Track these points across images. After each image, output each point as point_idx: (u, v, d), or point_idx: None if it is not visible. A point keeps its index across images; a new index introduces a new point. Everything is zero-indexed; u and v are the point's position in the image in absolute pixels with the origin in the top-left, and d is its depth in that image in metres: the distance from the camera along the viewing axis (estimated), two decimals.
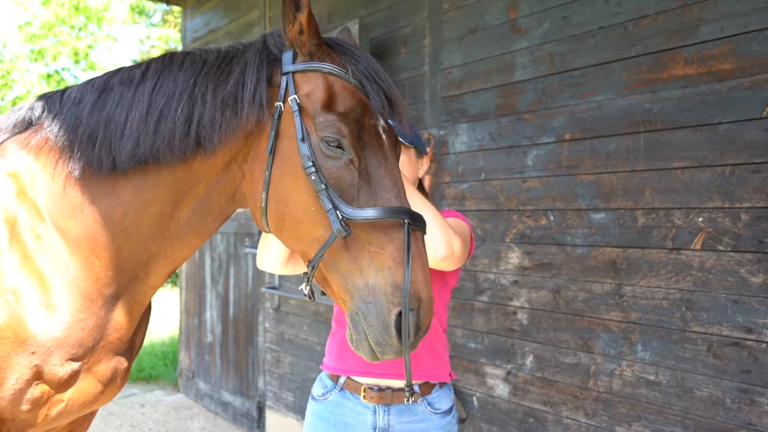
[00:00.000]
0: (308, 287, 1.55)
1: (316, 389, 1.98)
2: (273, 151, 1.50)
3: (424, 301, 1.40)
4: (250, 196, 1.59)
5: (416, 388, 1.88)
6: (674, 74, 2.47)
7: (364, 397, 1.87)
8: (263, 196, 1.52)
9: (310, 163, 1.43)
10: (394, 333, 1.38)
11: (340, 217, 1.39)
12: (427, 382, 1.91)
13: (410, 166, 1.98)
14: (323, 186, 1.42)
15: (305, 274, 1.54)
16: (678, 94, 2.46)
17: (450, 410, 1.93)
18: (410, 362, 1.43)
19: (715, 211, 2.35)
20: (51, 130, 1.58)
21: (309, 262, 1.49)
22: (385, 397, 1.86)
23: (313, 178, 1.42)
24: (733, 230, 2.30)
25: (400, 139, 1.79)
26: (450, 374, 1.98)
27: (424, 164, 2.07)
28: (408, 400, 1.51)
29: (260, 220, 1.58)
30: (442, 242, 1.73)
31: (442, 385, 1.95)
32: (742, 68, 2.27)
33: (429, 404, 1.89)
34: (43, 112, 1.62)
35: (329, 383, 1.95)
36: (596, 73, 2.73)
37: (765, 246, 2.22)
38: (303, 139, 1.45)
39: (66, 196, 1.56)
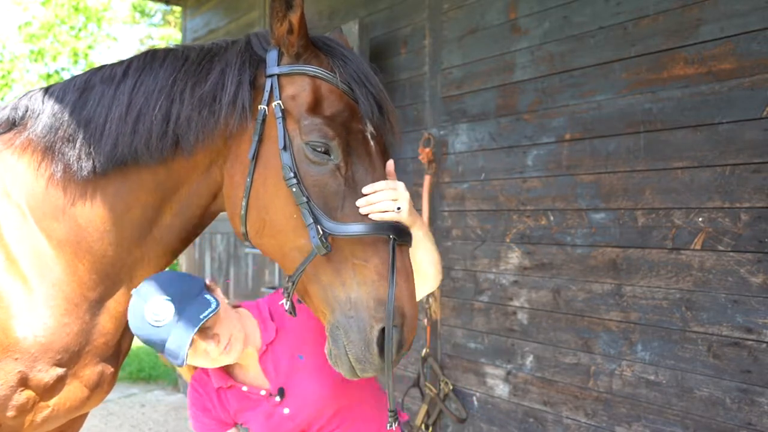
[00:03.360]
0: (288, 302, 1.49)
1: None
2: (255, 157, 1.45)
3: (408, 318, 1.35)
4: (229, 201, 1.54)
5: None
6: (674, 74, 2.47)
7: None
8: (243, 202, 1.47)
9: (292, 174, 1.37)
10: (375, 350, 1.33)
11: (321, 233, 1.33)
12: None
13: None
14: (305, 199, 1.36)
15: (285, 289, 1.47)
16: (678, 94, 2.45)
17: None
18: (393, 385, 1.36)
19: (715, 211, 2.35)
20: (34, 130, 1.55)
21: (289, 277, 1.43)
22: None
23: (294, 190, 1.36)
24: (733, 230, 2.30)
25: None
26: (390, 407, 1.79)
27: None
28: (392, 426, 1.41)
29: (239, 226, 1.52)
30: (438, 268, 1.64)
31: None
32: (742, 68, 2.27)
33: None
34: (26, 111, 1.60)
35: None
36: (596, 73, 2.73)
37: (765, 246, 2.21)
38: (285, 148, 1.39)
39: (49, 197, 1.53)
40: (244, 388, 1.68)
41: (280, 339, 1.66)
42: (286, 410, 1.67)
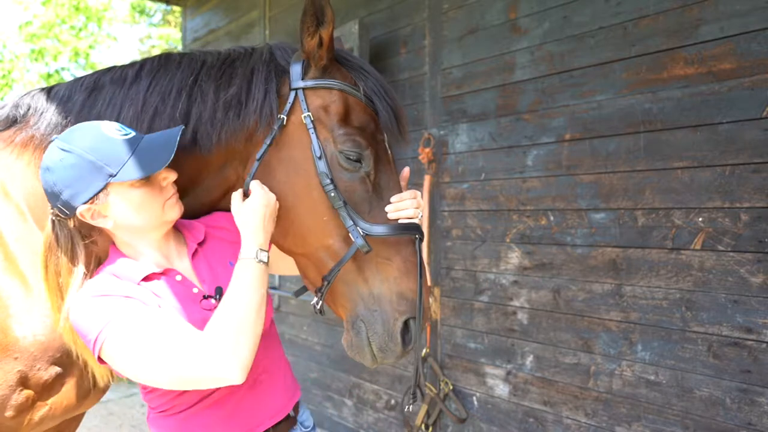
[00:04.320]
0: (321, 302, 1.54)
1: None
2: (271, 160, 1.51)
3: (426, 310, 1.47)
4: None
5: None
6: (674, 74, 2.47)
7: None
8: None
9: (328, 180, 1.46)
10: (399, 340, 1.45)
11: (363, 233, 1.44)
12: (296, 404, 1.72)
13: None
14: (342, 203, 1.45)
15: (318, 289, 1.53)
16: (678, 94, 2.45)
17: (314, 426, 1.75)
18: (419, 366, 1.46)
19: (715, 211, 2.35)
20: (37, 128, 1.55)
21: (324, 277, 1.51)
22: None
23: (332, 195, 1.45)
24: (733, 230, 2.30)
25: None
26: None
27: None
28: (409, 407, 1.52)
29: None
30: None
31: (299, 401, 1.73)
32: (742, 68, 2.27)
33: (302, 425, 1.69)
34: (28, 110, 1.60)
35: None
36: (596, 73, 2.73)
37: (765, 246, 2.21)
38: (320, 157, 1.47)
39: None
40: (178, 278, 1.44)
41: (208, 244, 1.57)
42: None
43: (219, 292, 1.47)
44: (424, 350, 3.43)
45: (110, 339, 1.27)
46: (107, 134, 1.34)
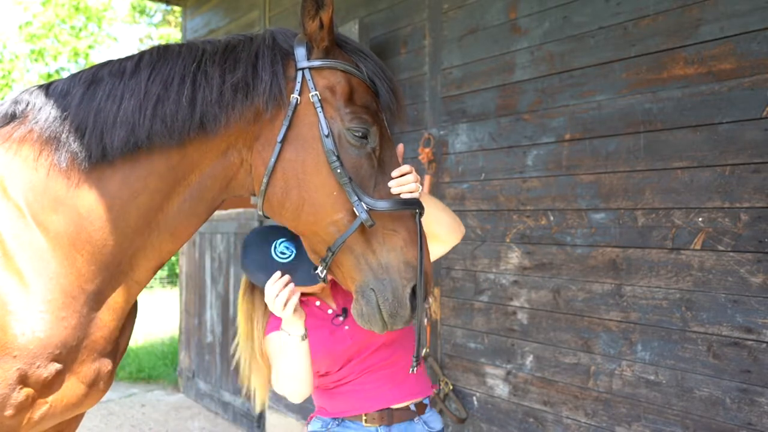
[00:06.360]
0: (325, 271, 1.61)
1: (314, 425, 2.02)
2: (284, 140, 1.56)
3: (429, 275, 1.58)
4: (260, 184, 1.61)
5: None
6: (674, 74, 2.47)
7: (366, 421, 1.92)
8: (282, 183, 1.59)
9: (335, 158, 1.51)
10: (408, 305, 1.53)
11: (367, 208, 1.50)
12: (421, 402, 1.98)
13: None
14: (347, 179, 1.51)
15: (323, 259, 1.59)
16: (678, 94, 2.45)
17: (442, 430, 2.01)
18: (422, 331, 1.61)
19: (715, 211, 2.35)
20: (36, 122, 1.54)
21: (329, 248, 1.57)
22: (385, 417, 1.93)
23: (338, 171, 1.51)
24: (733, 230, 2.30)
25: None
26: (431, 386, 2.06)
27: None
28: (413, 370, 1.64)
29: (269, 206, 1.65)
30: (458, 224, 1.98)
31: (432, 404, 2.04)
32: (742, 68, 2.27)
33: (425, 423, 1.96)
34: (27, 105, 1.59)
35: (327, 418, 2.00)
36: (596, 73, 2.73)
37: (765, 246, 2.21)
38: (328, 135, 1.53)
39: (48, 189, 1.51)
40: (317, 303, 1.94)
41: None
42: (347, 327, 1.90)
43: (345, 312, 1.92)
44: (424, 350, 3.43)
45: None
46: (273, 256, 1.80)
